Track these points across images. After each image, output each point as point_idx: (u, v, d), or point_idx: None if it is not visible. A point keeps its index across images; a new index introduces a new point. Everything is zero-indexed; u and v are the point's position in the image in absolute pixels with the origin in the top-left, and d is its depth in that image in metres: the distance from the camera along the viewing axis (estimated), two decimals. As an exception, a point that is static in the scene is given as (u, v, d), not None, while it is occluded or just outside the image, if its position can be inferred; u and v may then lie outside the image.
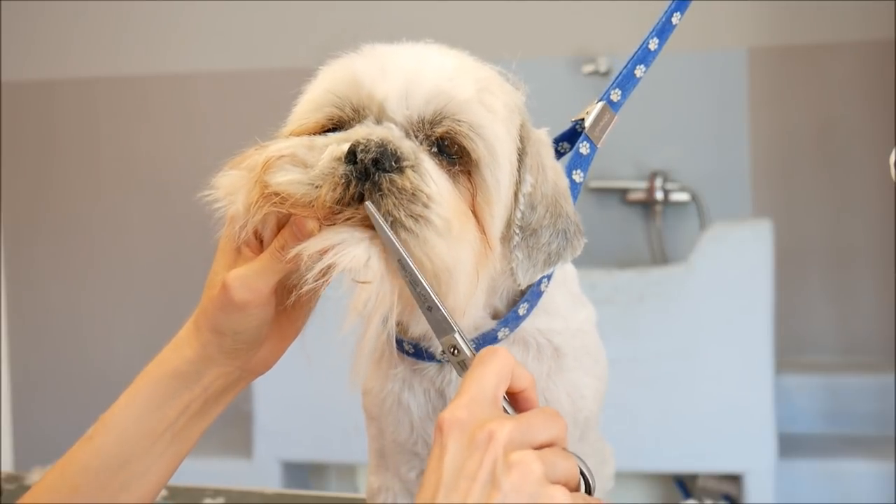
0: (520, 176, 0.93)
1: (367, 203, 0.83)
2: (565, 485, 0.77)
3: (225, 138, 3.72)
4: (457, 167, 0.89)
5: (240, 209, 0.88)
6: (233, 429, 3.08)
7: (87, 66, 3.78)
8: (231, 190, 0.89)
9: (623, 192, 3.44)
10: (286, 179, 0.85)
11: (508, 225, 0.92)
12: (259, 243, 0.91)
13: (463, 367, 0.83)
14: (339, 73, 0.92)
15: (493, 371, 0.79)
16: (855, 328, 3.34)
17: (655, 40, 1.05)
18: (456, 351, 0.83)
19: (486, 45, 0.98)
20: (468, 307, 0.87)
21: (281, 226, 0.88)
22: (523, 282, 0.93)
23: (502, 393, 0.80)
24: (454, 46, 0.96)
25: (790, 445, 2.88)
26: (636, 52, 1.05)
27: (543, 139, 0.97)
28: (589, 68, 3.37)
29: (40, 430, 3.50)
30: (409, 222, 0.83)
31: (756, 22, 3.38)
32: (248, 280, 0.89)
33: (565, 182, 0.98)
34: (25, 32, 3.74)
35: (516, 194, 0.92)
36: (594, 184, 3.41)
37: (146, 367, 0.96)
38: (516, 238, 0.92)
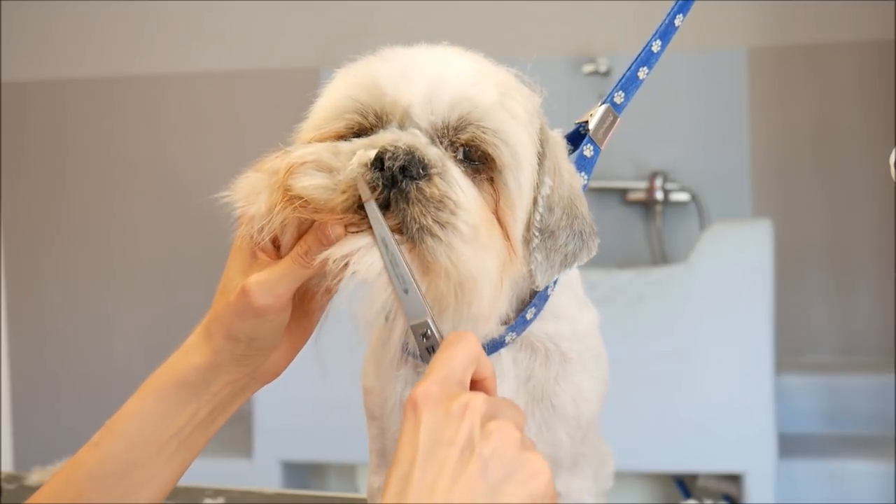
0: (539, 179, 0.93)
1: (359, 178, 0.83)
2: None
3: (226, 139, 3.74)
4: (482, 174, 0.89)
5: (261, 210, 0.87)
6: (233, 429, 3.06)
7: (89, 67, 3.78)
8: (251, 192, 0.89)
9: (623, 192, 3.44)
10: (312, 184, 0.85)
11: (527, 227, 0.92)
12: (275, 250, 0.90)
13: (431, 351, 0.83)
14: (360, 79, 0.91)
15: (462, 354, 0.79)
16: (855, 328, 3.34)
17: (658, 42, 1.06)
18: (426, 336, 0.83)
19: (487, 46, 0.98)
20: (492, 313, 0.87)
21: (302, 232, 0.88)
22: (541, 283, 0.93)
23: (469, 376, 0.80)
24: (455, 47, 0.96)
25: (790, 445, 2.88)
26: (639, 55, 1.06)
27: (559, 141, 0.98)
28: (589, 68, 3.38)
29: (40, 430, 3.50)
30: (436, 229, 0.83)
31: (755, 22, 3.38)
32: (270, 285, 0.89)
33: (579, 183, 0.99)
34: (28, 33, 3.75)
35: (535, 197, 0.92)
36: (594, 184, 3.37)
37: (153, 373, 0.96)
38: (536, 240, 0.92)
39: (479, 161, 0.89)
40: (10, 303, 3.29)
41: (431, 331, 0.82)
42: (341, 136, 0.90)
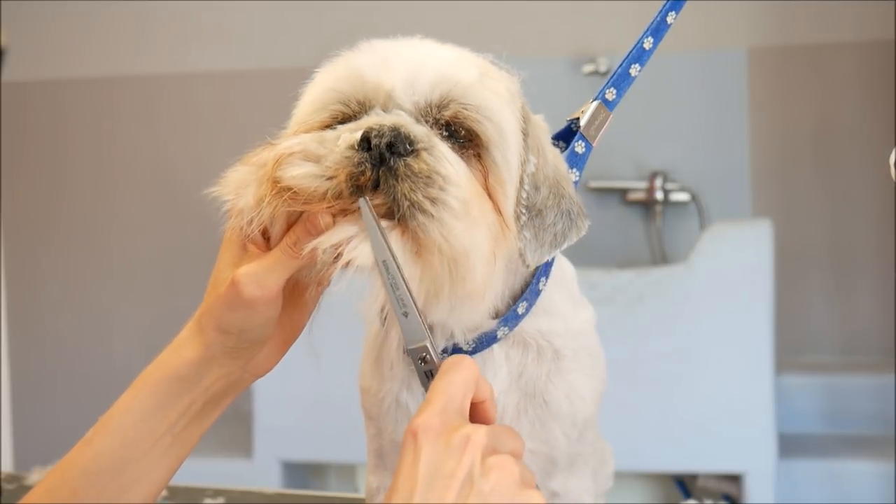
0: (524, 156, 0.93)
1: (361, 200, 0.83)
2: None
3: (226, 139, 3.74)
4: (468, 151, 0.90)
5: (250, 203, 0.87)
6: (233, 429, 3.09)
7: (89, 67, 3.78)
8: (240, 185, 0.89)
9: (623, 192, 3.44)
10: (300, 173, 0.85)
11: (516, 204, 0.92)
12: (265, 241, 0.90)
13: (430, 375, 0.83)
14: (341, 71, 0.92)
15: (461, 380, 0.79)
16: (855, 328, 3.34)
17: (650, 39, 1.06)
18: (425, 360, 0.83)
19: (487, 46, 0.98)
20: (486, 290, 0.87)
21: (291, 223, 0.88)
22: (532, 262, 0.93)
23: (469, 402, 0.80)
24: (430, 39, 0.96)
25: (790, 445, 2.88)
26: (631, 51, 1.06)
27: (541, 123, 0.98)
28: (589, 68, 3.38)
29: (40, 430, 3.50)
30: (426, 205, 0.83)
31: (755, 22, 3.38)
32: (259, 276, 0.89)
33: (564, 165, 0.99)
34: (28, 33, 3.75)
35: (521, 175, 0.93)
36: (594, 184, 3.41)
37: (145, 369, 0.95)
38: (523, 218, 0.92)
39: (464, 139, 0.89)
40: (10, 303, 3.29)
41: (430, 355, 0.83)
42: (326, 127, 0.90)
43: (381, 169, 0.84)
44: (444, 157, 0.85)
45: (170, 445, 0.95)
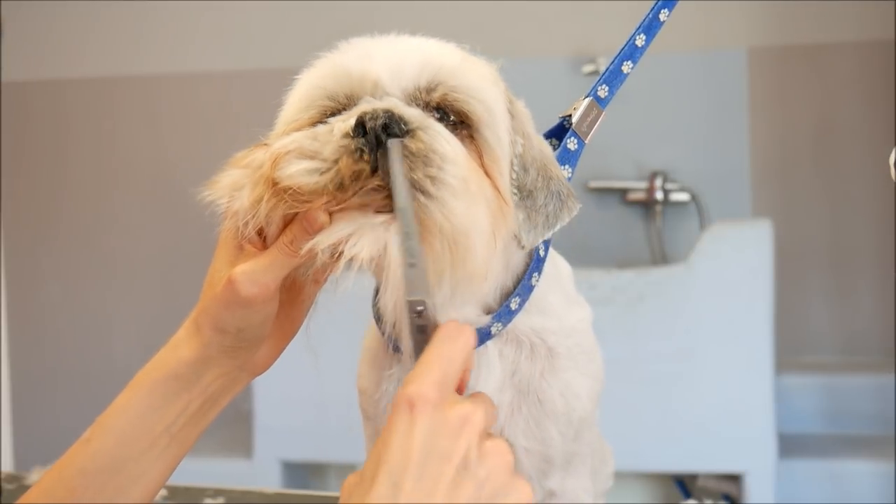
0: (513, 137, 0.93)
1: (390, 141, 0.82)
2: None
3: (226, 139, 3.72)
4: (461, 132, 0.90)
5: (245, 204, 0.87)
6: (233, 429, 3.09)
7: (89, 67, 3.78)
8: (233, 187, 0.89)
9: (623, 192, 3.44)
10: (297, 170, 0.84)
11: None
12: (262, 240, 0.90)
13: (421, 331, 0.79)
14: (325, 70, 0.92)
15: (461, 354, 0.77)
16: (855, 328, 3.34)
17: (642, 37, 1.07)
18: (420, 314, 0.79)
19: (486, 46, 0.98)
20: (487, 271, 0.86)
21: (287, 221, 0.87)
22: (527, 244, 0.93)
23: (460, 375, 0.78)
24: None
25: (790, 445, 2.88)
26: (623, 49, 1.07)
27: (524, 109, 0.99)
28: (589, 68, 3.37)
29: (40, 430, 3.50)
30: (426, 184, 0.83)
31: (755, 22, 3.38)
32: (256, 275, 0.89)
33: (549, 148, 0.99)
34: (28, 33, 3.75)
35: (511, 156, 0.93)
36: (594, 184, 3.41)
37: (143, 368, 0.95)
38: (515, 199, 0.92)
39: (455, 121, 0.90)
40: (10, 303, 3.29)
41: (427, 311, 0.79)
42: (315, 124, 0.90)
43: (379, 151, 0.83)
44: (439, 136, 0.85)
45: (168, 445, 0.94)
